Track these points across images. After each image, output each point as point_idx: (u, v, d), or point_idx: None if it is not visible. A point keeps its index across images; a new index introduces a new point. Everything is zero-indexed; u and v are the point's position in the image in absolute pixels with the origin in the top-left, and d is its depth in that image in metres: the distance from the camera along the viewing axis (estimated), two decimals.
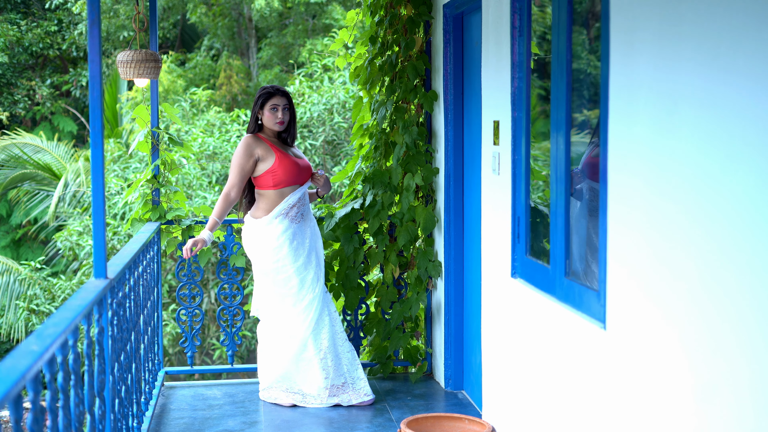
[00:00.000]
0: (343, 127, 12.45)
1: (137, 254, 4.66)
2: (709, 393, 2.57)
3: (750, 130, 2.36)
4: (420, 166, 5.90)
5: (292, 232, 5.33)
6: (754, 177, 2.34)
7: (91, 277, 3.62)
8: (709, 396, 2.57)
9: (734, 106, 2.43)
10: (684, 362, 2.71)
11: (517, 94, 4.34)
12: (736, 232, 2.43)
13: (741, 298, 2.41)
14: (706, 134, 2.58)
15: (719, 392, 2.52)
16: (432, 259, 5.93)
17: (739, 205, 2.41)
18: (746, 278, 2.38)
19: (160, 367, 5.91)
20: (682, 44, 2.70)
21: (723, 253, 2.49)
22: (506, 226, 4.49)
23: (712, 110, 2.54)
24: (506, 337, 4.56)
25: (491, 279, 4.80)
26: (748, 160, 2.37)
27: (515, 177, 4.37)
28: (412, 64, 5.86)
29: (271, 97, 5.41)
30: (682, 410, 2.72)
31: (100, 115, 3.53)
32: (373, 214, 5.92)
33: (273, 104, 5.39)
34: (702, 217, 2.60)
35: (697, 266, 2.62)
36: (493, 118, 4.71)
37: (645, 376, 2.97)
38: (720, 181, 2.50)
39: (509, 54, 4.38)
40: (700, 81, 2.60)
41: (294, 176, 5.37)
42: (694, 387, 2.66)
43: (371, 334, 6.10)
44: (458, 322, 5.79)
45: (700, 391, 2.62)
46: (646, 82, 2.94)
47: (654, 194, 2.90)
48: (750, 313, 2.36)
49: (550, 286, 3.91)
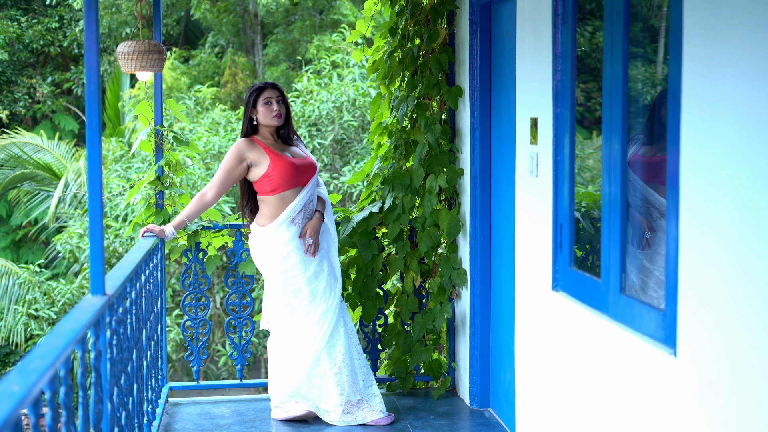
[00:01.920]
0: (353, 126, 12.03)
1: (139, 264, 4.25)
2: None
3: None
4: (443, 166, 5.48)
5: (301, 240, 4.94)
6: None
7: (87, 294, 3.21)
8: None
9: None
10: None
11: (559, 88, 3.93)
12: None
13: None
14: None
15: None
16: (456, 267, 5.52)
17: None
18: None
19: (163, 382, 5.50)
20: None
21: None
22: (546, 233, 4.07)
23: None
24: (546, 354, 4.15)
25: (527, 291, 4.38)
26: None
27: (557, 180, 3.95)
28: (435, 58, 5.44)
29: (263, 92, 5.01)
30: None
31: (97, 110, 3.12)
32: (393, 219, 5.50)
33: (266, 98, 5.00)
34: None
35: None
36: (530, 115, 4.29)
37: (721, 414, 2.56)
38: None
39: (550, 44, 3.97)
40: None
41: (292, 178, 4.96)
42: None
43: (390, 346, 5.69)
44: (485, 335, 5.37)
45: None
46: (729, 89, 2.52)
47: (738, 197, 2.49)
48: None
49: (601, 303, 3.49)
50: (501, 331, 5.14)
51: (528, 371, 4.43)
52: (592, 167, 3.93)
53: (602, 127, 3.46)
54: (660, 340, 2.98)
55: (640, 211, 3.41)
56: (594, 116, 3.82)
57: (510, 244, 4.84)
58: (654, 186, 3.38)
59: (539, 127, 4.16)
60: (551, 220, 4.00)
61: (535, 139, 4.22)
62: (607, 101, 3.42)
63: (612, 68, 3.37)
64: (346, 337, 5.01)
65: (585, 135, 3.88)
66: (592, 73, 3.81)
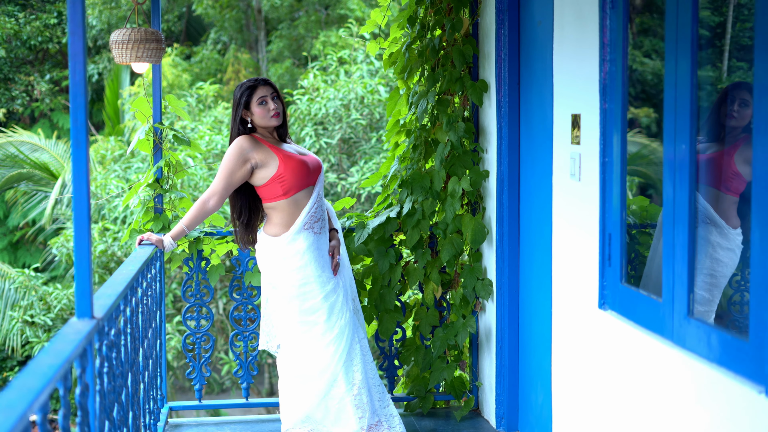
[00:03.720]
0: (361, 125, 11.57)
1: (135, 277, 3.80)
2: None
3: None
4: (467, 168, 5.04)
5: (317, 247, 4.43)
6: None
7: (72, 318, 2.77)
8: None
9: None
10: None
11: (608, 80, 3.48)
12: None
13: None
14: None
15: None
16: (480, 277, 5.08)
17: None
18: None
19: (162, 403, 5.06)
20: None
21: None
22: (591, 244, 3.63)
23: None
24: (590, 378, 3.71)
25: (568, 307, 3.94)
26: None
27: (605, 184, 3.51)
28: (458, 49, 5.00)
29: (255, 90, 4.42)
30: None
31: (83, 104, 2.68)
32: (412, 225, 5.06)
33: (260, 97, 4.40)
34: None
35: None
36: (570, 112, 3.85)
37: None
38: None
39: (597, 32, 3.53)
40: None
41: (305, 177, 4.41)
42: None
43: (408, 363, 5.24)
44: (512, 352, 4.93)
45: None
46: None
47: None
48: None
49: (662, 326, 3.05)
50: (532, 348, 4.70)
51: (568, 394, 3.99)
52: (641, 170, 3.51)
53: (664, 126, 3.02)
54: (744, 374, 2.54)
55: None
56: (643, 112, 3.38)
57: (543, 254, 4.40)
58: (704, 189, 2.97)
59: (582, 124, 3.72)
60: (598, 230, 3.56)
61: (577, 139, 3.78)
62: (671, 96, 2.98)
63: (678, 60, 2.93)
64: (362, 354, 4.55)
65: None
66: (646, 64, 3.37)
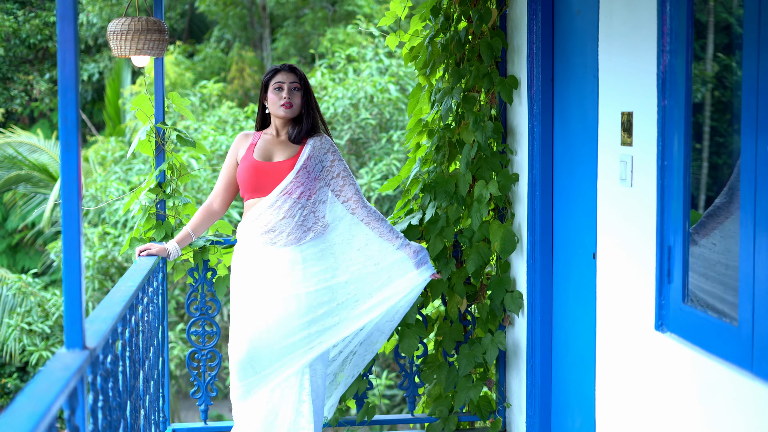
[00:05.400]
0: (371, 125, 11.17)
1: (135, 294, 3.42)
2: None
3: None
4: (494, 171, 4.65)
5: (258, 262, 4.06)
6: None
7: (61, 348, 2.38)
8: None
9: None
10: None
11: (668, 74, 3.09)
12: None
13: None
14: None
15: None
16: (510, 289, 4.68)
17: None
18: None
19: (165, 426, 4.66)
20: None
21: None
22: (646, 257, 3.24)
23: None
24: (645, 407, 3.31)
25: (616, 327, 3.55)
26: None
27: (664, 190, 3.11)
28: (486, 42, 4.60)
29: (276, 74, 4.07)
30: None
31: (74, 100, 2.29)
32: (435, 232, 4.66)
33: (277, 83, 4.05)
34: None
35: None
36: (620, 109, 3.46)
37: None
38: None
39: (655, 19, 3.13)
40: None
41: (250, 184, 4.05)
42: None
43: (430, 381, 4.84)
44: (545, 371, 4.53)
45: None
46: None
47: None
48: None
49: (739, 354, 2.66)
50: (568, 368, 4.30)
51: (616, 423, 3.59)
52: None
53: (742, 125, 2.63)
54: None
55: None
56: (711, 108, 2.99)
57: (584, 266, 4.01)
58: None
59: (635, 123, 3.33)
60: (655, 241, 3.16)
61: (629, 139, 3.38)
62: (750, 89, 2.58)
63: (761, 48, 2.54)
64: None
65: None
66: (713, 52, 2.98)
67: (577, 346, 4.15)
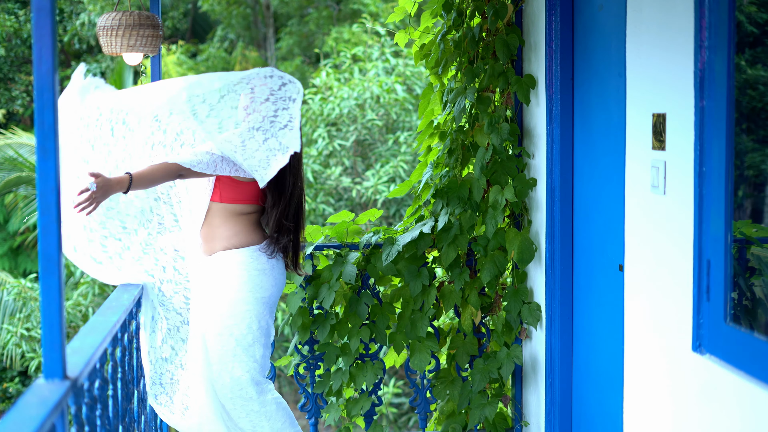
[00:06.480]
0: (377, 126, 10.90)
1: (126, 311, 3.17)
2: None
3: None
4: (510, 175, 4.39)
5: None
6: None
7: (38, 378, 2.13)
8: None
9: None
10: None
11: (706, 72, 2.83)
12: None
13: None
14: None
15: None
16: (527, 301, 4.43)
17: None
18: None
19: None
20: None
21: None
22: (681, 272, 2.98)
23: None
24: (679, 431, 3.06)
25: (647, 345, 3.29)
26: None
27: (703, 199, 2.85)
28: (502, 39, 4.34)
29: None
30: None
31: (51, 100, 2.04)
32: (448, 241, 4.41)
33: None
34: None
35: None
36: (651, 111, 3.20)
37: None
38: None
39: (692, 12, 2.88)
40: None
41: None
42: None
43: (442, 398, 4.59)
44: (565, 388, 4.27)
45: None
46: None
47: None
48: None
49: None
50: (591, 386, 4.04)
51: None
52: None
53: None
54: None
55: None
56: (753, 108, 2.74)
57: (607, 278, 3.75)
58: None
59: (668, 126, 3.07)
60: (692, 254, 2.90)
61: (661, 143, 3.12)
62: None
63: None
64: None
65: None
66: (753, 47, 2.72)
67: (601, 363, 3.89)
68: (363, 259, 4.51)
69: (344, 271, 4.39)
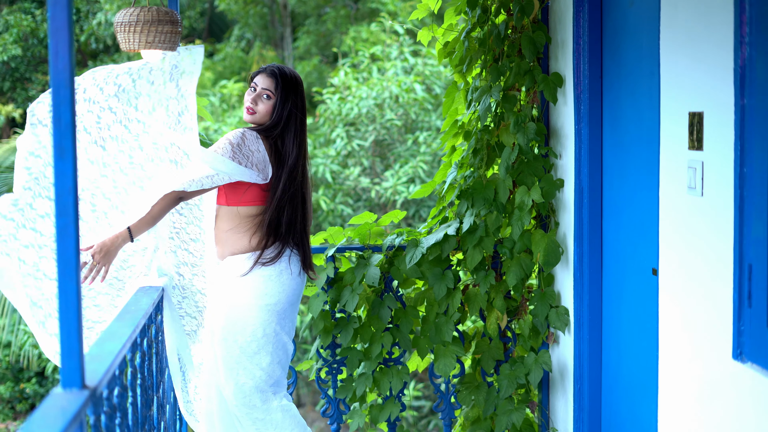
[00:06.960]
0: (396, 126, 10.80)
1: (147, 313, 3.08)
2: None
3: None
4: (537, 176, 4.28)
5: None
6: None
7: (56, 388, 2.05)
8: None
9: None
10: None
11: (747, 69, 2.72)
12: None
13: None
14: None
15: None
16: (554, 305, 4.32)
17: None
18: None
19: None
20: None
21: None
22: (720, 276, 2.87)
23: None
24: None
25: (684, 353, 3.18)
26: None
27: (744, 201, 2.74)
28: (528, 36, 4.24)
29: (258, 75, 3.61)
30: None
31: (69, 97, 1.95)
32: (473, 243, 4.31)
33: (253, 83, 3.60)
34: None
35: None
36: (688, 109, 3.09)
37: None
38: None
39: (732, 6, 2.77)
40: None
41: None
42: None
43: (467, 404, 4.49)
44: (594, 394, 4.16)
45: None
46: None
47: None
48: None
49: None
50: (623, 392, 3.93)
51: None
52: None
53: None
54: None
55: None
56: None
57: (639, 282, 3.64)
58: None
59: (706, 125, 2.96)
60: (732, 259, 2.79)
61: (698, 143, 3.01)
62: None
63: None
64: None
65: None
66: None
67: (633, 369, 3.78)
68: (386, 262, 4.41)
69: (367, 273, 4.29)
